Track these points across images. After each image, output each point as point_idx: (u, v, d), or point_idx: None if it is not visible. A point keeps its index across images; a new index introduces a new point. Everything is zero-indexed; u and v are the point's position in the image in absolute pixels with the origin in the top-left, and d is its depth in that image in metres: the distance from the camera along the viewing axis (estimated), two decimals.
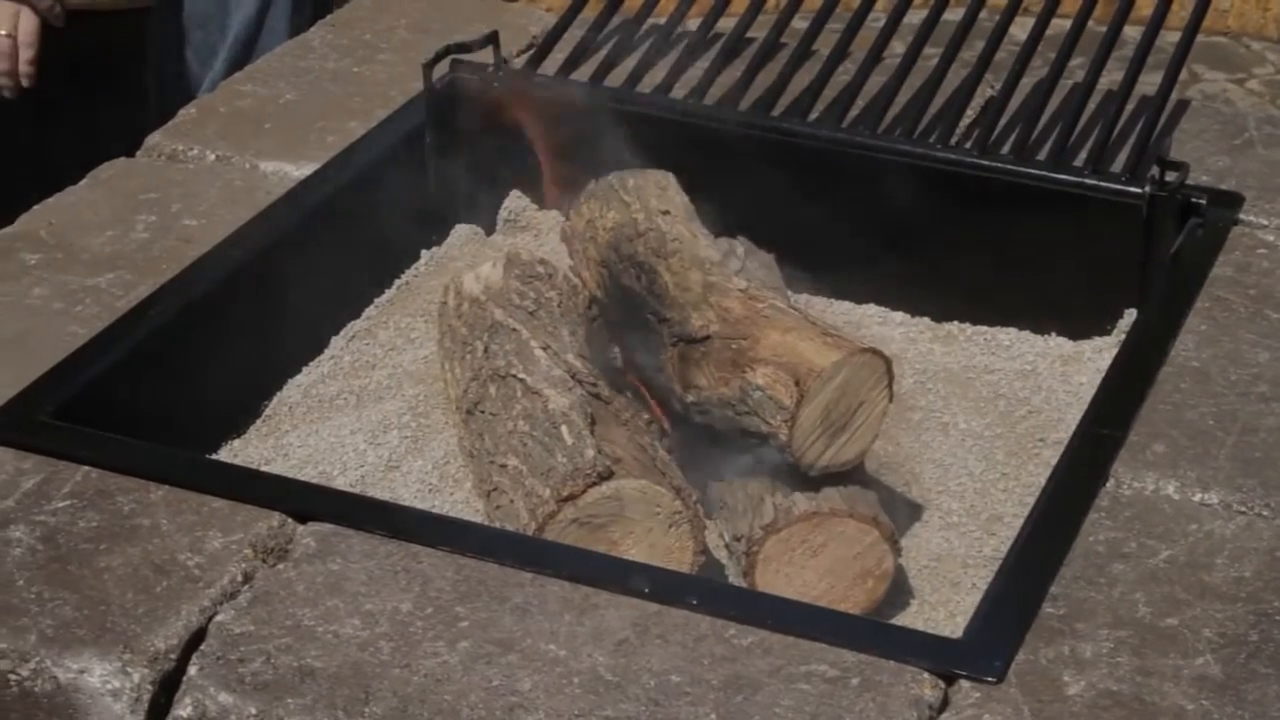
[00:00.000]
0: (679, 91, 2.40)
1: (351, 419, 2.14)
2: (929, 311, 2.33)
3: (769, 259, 2.26)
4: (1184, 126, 2.40)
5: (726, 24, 2.47)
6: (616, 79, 2.42)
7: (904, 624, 1.87)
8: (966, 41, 2.37)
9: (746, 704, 1.59)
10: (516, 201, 2.45)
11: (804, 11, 2.48)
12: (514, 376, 1.98)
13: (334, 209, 2.28)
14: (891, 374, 1.92)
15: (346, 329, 2.29)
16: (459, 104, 2.41)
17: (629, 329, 2.09)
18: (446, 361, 2.11)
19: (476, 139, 2.41)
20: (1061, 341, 2.27)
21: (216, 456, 2.08)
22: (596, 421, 1.91)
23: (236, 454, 2.10)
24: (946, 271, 2.31)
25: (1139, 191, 2.18)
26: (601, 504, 1.84)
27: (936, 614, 1.91)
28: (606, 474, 1.84)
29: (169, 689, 1.64)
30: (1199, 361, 2.00)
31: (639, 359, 2.08)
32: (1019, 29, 2.41)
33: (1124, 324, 2.23)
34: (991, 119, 2.30)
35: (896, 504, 2.01)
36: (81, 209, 2.25)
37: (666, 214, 2.13)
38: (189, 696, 1.62)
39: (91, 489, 1.82)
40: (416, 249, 2.42)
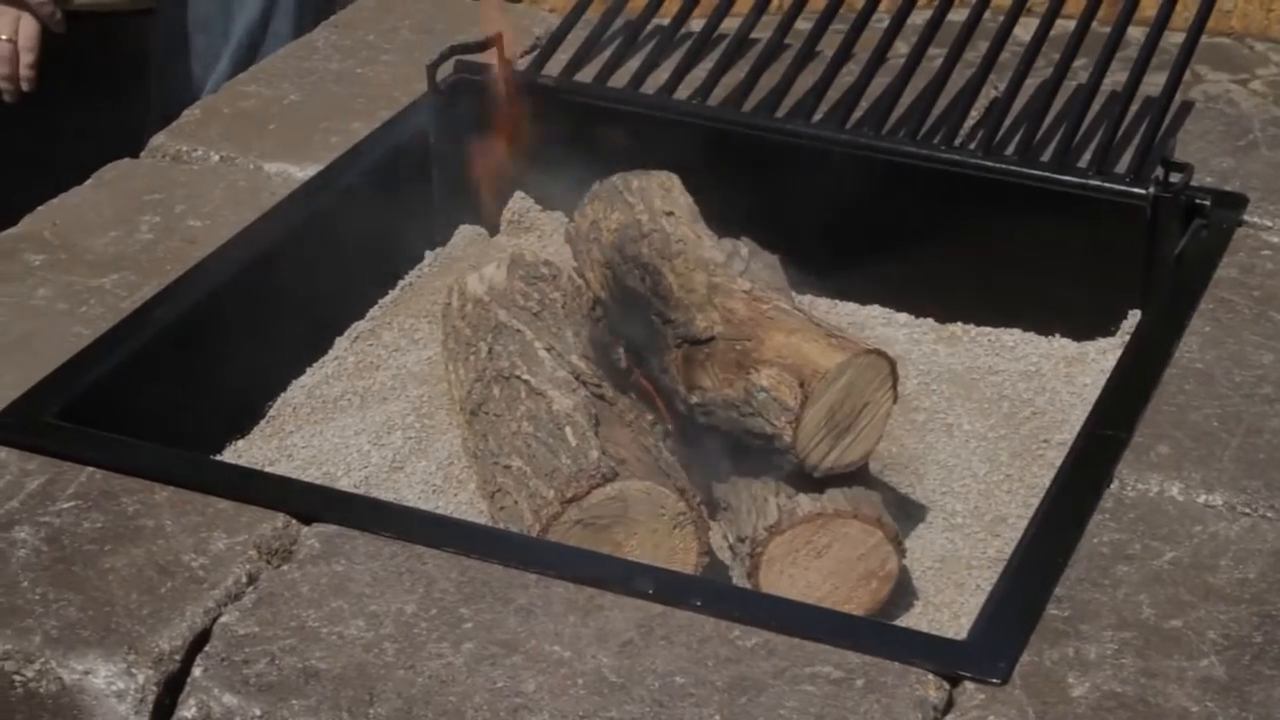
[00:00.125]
0: (683, 92, 2.39)
1: (355, 420, 2.13)
2: (933, 312, 2.33)
3: (773, 260, 2.26)
4: (1188, 128, 2.40)
5: (730, 25, 2.47)
6: (620, 80, 2.42)
7: (908, 625, 1.87)
8: (970, 42, 2.38)
9: (751, 705, 1.59)
10: (520, 202, 2.45)
11: (808, 12, 2.48)
12: (518, 378, 1.98)
13: (338, 210, 2.28)
14: (896, 375, 1.92)
15: (350, 330, 2.29)
16: (463, 105, 2.41)
17: (633, 330, 2.09)
18: (450, 362, 2.11)
19: (480, 140, 2.41)
20: (1066, 343, 2.27)
21: (221, 457, 2.08)
22: (600, 423, 1.91)
23: (241, 455, 2.10)
24: (950, 272, 2.31)
25: (1143, 193, 2.18)
26: (605, 505, 1.84)
27: (941, 615, 1.91)
28: (611, 475, 1.84)
29: (173, 690, 1.64)
30: (1203, 363, 2.00)
31: (643, 360, 2.08)
32: (1023, 30, 2.41)
33: (1128, 325, 2.23)
34: (995, 120, 2.30)
35: (901, 505, 2.01)
36: (86, 210, 2.25)
37: (671, 215, 2.13)
38: (193, 698, 1.62)
39: (96, 490, 1.82)
40: (420, 250, 2.42)
